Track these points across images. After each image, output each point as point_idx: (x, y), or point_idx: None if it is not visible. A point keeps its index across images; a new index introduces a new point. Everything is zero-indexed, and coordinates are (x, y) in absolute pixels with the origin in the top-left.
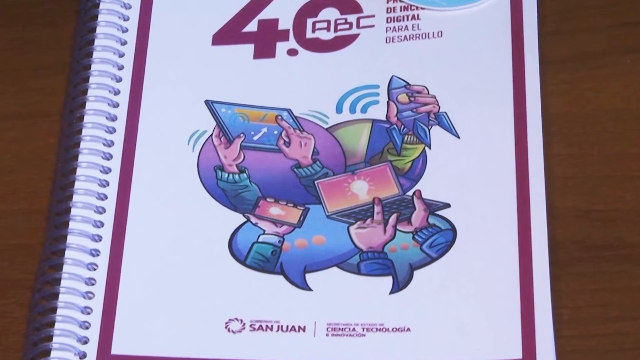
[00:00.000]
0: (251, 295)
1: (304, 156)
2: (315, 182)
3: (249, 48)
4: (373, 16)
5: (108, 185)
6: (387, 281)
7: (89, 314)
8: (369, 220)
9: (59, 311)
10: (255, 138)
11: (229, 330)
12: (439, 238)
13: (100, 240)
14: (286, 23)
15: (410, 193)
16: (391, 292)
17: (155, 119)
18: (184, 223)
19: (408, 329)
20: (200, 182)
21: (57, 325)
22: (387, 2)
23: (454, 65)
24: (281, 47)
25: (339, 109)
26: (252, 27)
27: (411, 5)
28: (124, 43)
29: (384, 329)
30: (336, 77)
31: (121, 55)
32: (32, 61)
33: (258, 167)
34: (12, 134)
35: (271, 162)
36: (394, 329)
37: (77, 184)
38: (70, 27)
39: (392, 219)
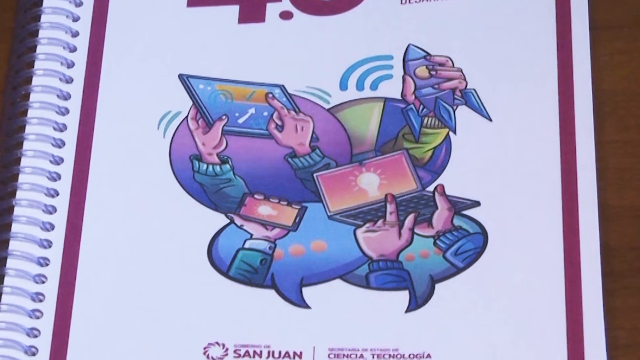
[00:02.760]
0: (235, 314)
1: (301, 143)
2: (315, 174)
3: (233, 10)
4: None
5: (60, 179)
6: (403, 297)
7: (36, 337)
8: (380, 222)
9: None
10: (240, 121)
11: (208, 357)
12: (466, 244)
13: (50, 247)
14: None
15: (430, 188)
16: (407, 310)
17: (117, 98)
18: (153, 226)
19: (428, 356)
20: (172, 175)
21: None
22: None
23: (485, 31)
24: (272, 9)
25: (343, 86)
26: None
27: None
28: (79, 4)
29: (398, 356)
30: (340, 46)
31: (76, 19)
32: None
33: (244, 157)
34: None
35: (260, 150)
36: (411, 356)
37: (21, 177)
38: None
39: (409, 220)
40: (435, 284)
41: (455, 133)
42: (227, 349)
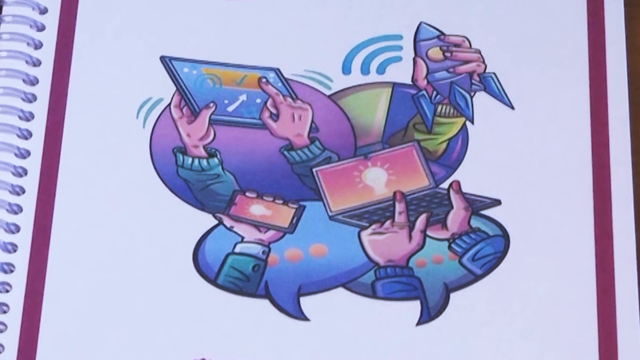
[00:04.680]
0: (225, 326)
1: (298, 134)
2: (314, 169)
3: None
4: None
5: (26, 174)
6: (414, 307)
7: None
8: (388, 223)
9: None
10: (230, 109)
11: None
12: (485, 248)
13: (15, 251)
14: None
15: (445, 185)
16: (419, 323)
17: (90, 83)
18: (131, 227)
19: None
20: (153, 169)
21: None
22: None
23: (506, 8)
24: None
25: (346, 69)
26: None
27: None
28: None
29: None
30: (343, 25)
31: None
32: None
33: (234, 150)
34: None
35: (252, 142)
36: None
37: None
38: None
39: (420, 221)
40: (450, 293)
41: (472, 123)
42: None
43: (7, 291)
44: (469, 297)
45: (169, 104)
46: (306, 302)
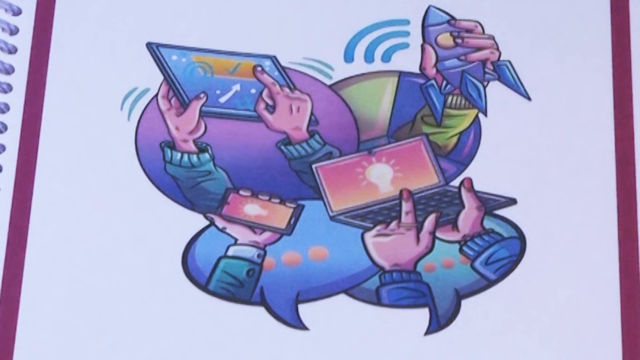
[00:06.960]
0: (217, 335)
1: (296, 127)
2: (314, 165)
3: None
4: None
5: (0, 171)
6: (422, 315)
7: None
8: (394, 224)
9: None
10: (222, 100)
11: None
12: (499, 251)
13: None
14: None
15: (455, 183)
16: (428, 332)
17: (70, 72)
18: (115, 229)
19: None
20: (139, 166)
21: None
22: None
23: None
24: None
25: (348, 57)
26: None
27: None
28: None
29: None
30: (345, 9)
31: None
32: None
33: (227, 144)
34: None
35: (246, 136)
36: None
37: None
38: None
39: (429, 222)
40: (461, 300)
41: (485, 115)
42: None
43: None
44: (481, 304)
45: (156, 95)
46: (305, 310)
